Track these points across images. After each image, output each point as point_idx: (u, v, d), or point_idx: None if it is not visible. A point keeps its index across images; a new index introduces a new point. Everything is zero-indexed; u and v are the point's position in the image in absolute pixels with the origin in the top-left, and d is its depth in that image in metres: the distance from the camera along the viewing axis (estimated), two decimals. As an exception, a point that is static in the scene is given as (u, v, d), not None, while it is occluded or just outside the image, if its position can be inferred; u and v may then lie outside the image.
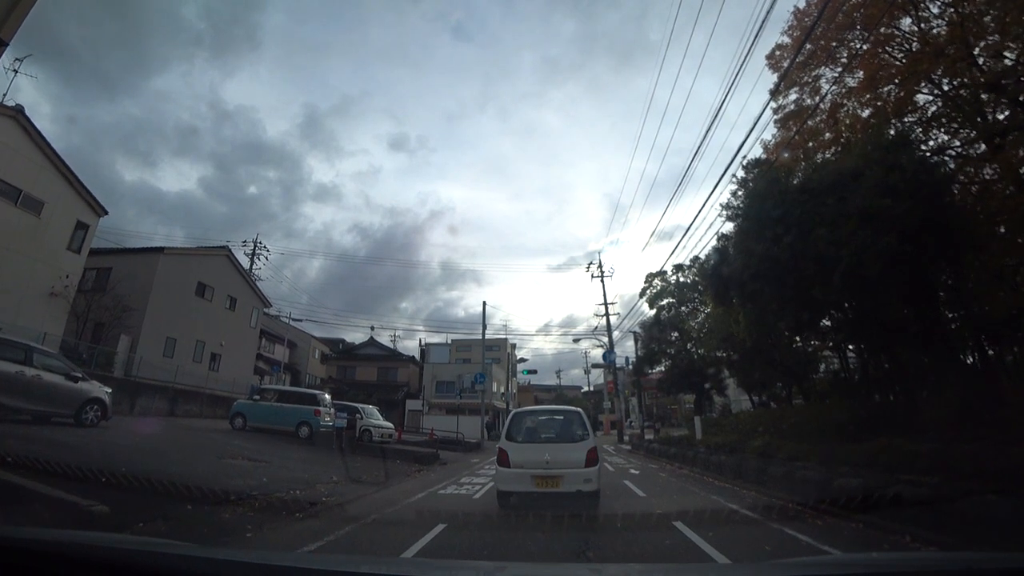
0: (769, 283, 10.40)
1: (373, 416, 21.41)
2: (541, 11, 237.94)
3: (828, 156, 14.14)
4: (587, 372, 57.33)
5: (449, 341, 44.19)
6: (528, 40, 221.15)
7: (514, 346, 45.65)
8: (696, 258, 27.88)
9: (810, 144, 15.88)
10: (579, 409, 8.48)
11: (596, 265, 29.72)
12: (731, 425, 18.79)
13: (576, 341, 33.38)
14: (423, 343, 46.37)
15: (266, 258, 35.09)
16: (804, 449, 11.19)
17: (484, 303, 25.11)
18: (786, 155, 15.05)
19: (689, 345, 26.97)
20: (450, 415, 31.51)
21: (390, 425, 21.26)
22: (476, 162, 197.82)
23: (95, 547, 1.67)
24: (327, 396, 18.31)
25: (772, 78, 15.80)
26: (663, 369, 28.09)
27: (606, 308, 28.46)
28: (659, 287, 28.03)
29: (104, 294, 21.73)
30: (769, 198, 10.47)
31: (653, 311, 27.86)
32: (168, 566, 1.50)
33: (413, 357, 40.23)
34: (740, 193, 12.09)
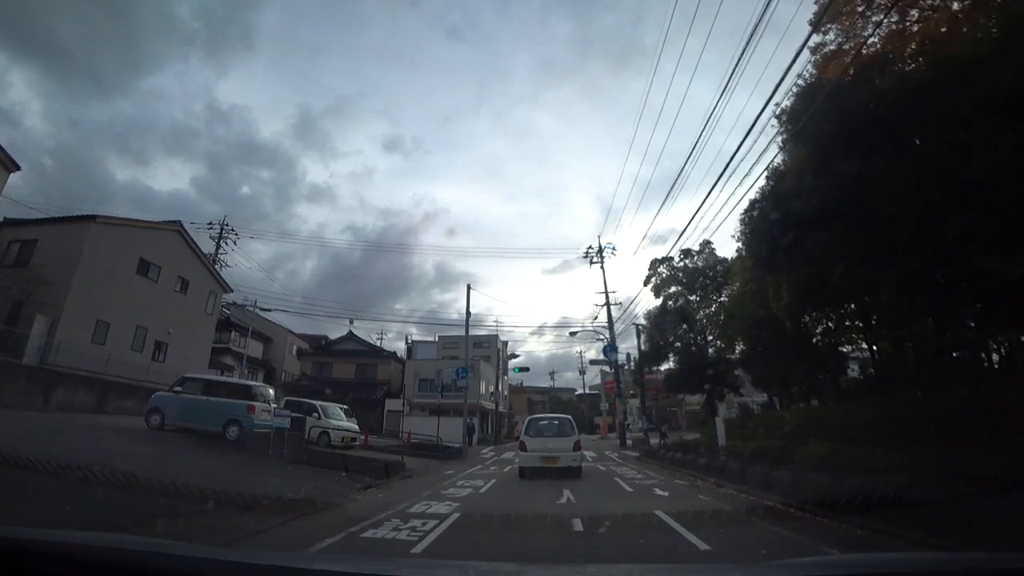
0: (854, 222, 7.06)
1: (336, 416, 17.75)
2: (537, 14, 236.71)
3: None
4: (582, 373, 53.86)
5: (436, 338, 40.59)
6: (524, 43, 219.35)
7: (505, 343, 42.07)
8: (707, 242, 24.58)
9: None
10: (569, 416, 13.05)
11: (595, 250, 26.32)
12: (756, 428, 15.34)
13: (573, 335, 29.27)
14: (410, 340, 42.73)
15: (234, 243, 31.32)
16: (884, 457, 7.85)
17: (468, 287, 21.61)
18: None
19: (698, 338, 23.58)
20: (435, 416, 27.82)
21: (355, 427, 17.61)
22: (471, 164, 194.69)
23: (95, 547, 1.61)
24: (268, 390, 14.68)
25: (772, 77, 12.43)
26: (672, 366, 24.65)
27: (607, 297, 25.09)
28: (666, 274, 24.64)
29: (27, 268, 18.10)
30: (855, 98, 7.08)
31: (659, 300, 24.44)
32: (168, 566, 1.46)
33: (395, 353, 36.51)
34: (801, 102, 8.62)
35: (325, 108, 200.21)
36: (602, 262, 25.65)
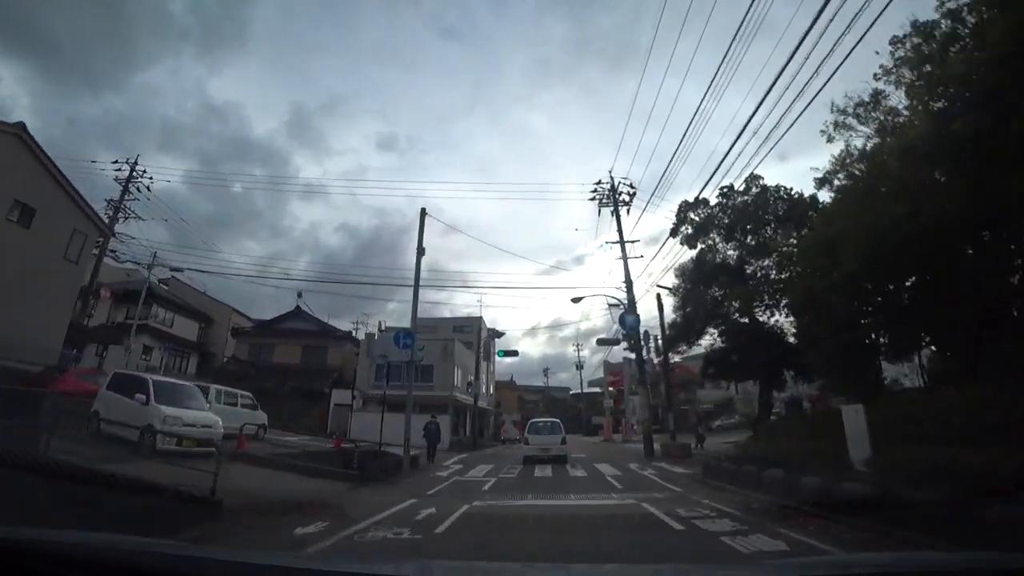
0: None
1: (187, 402, 10.26)
2: (533, 14, 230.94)
3: None
4: (579, 367, 46.43)
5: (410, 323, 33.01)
6: (520, 43, 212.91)
7: (492, 332, 34.34)
8: (754, 176, 17.38)
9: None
10: (558, 420, 17.40)
11: (607, 188, 18.80)
12: (930, 423, 8.01)
13: (576, 301, 21.04)
14: (383, 326, 35.10)
15: (148, 188, 23.69)
16: None
17: (422, 211, 14.22)
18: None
19: (752, 303, 16.29)
20: (399, 413, 20.33)
21: (215, 420, 10.06)
22: (467, 164, 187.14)
23: (95, 547, 1.51)
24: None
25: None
26: (714, 342, 17.36)
27: (623, 248, 17.56)
28: (700, 219, 17.43)
29: None
30: None
31: (694, 252, 17.21)
32: (167, 566, 1.37)
33: (350, 333, 28.82)
34: None
35: (319, 106, 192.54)
36: (616, 205, 18.37)
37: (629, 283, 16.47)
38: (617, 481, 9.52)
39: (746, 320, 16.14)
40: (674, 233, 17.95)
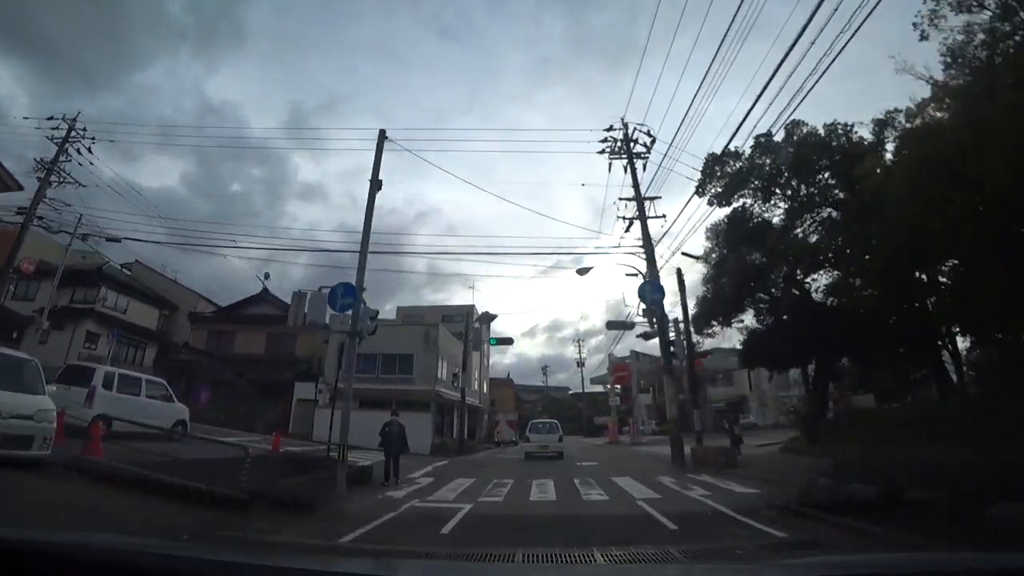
0: None
1: (10, 381, 6.71)
2: (531, 12, 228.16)
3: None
4: (580, 364, 42.89)
5: (395, 311, 29.67)
6: (518, 43, 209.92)
7: (484, 315, 30.56)
8: (796, 122, 13.96)
9: None
10: (556, 421, 19.54)
11: (620, 137, 15.16)
12: None
13: (583, 272, 17.40)
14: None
15: (89, 150, 20.22)
16: None
17: (381, 132, 10.70)
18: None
19: (802, 274, 12.76)
20: (374, 410, 16.79)
21: (38, 410, 6.51)
22: (465, 163, 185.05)
23: (95, 547, 1.52)
24: None
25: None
26: (753, 323, 13.87)
27: (640, 205, 13.82)
28: (735, 170, 13.94)
29: None
30: None
31: (728, 210, 13.75)
32: (167, 566, 1.35)
33: (322, 318, 25.49)
34: None
35: (318, 106, 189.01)
36: (630, 153, 14.77)
37: (649, 248, 12.96)
38: (657, 510, 5.88)
39: (797, 292, 12.65)
40: (700, 191, 14.47)
